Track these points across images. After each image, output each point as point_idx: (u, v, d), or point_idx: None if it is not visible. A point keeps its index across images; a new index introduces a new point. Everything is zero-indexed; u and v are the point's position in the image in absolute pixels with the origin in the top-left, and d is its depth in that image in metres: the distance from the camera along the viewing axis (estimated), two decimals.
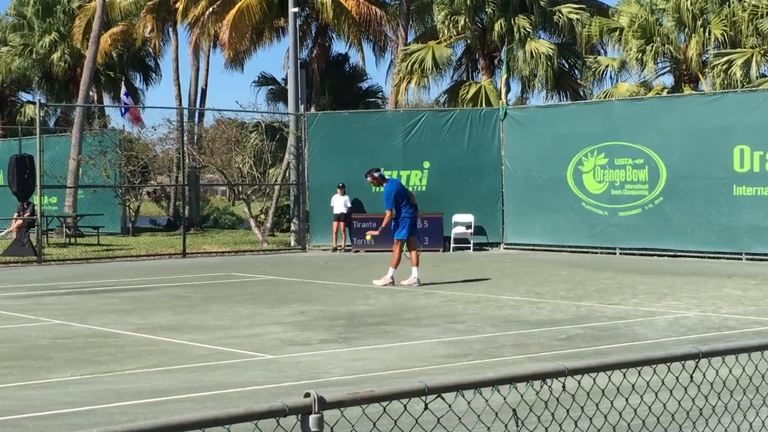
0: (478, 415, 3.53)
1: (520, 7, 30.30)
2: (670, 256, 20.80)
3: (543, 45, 30.16)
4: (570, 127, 22.55)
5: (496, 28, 30.06)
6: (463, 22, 30.25)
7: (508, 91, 24.47)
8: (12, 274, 18.61)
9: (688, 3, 27.78)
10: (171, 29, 39.02)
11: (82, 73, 30.07)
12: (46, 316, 12.31)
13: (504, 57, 25.17)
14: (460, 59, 34.19)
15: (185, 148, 26.06)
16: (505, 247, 23.58)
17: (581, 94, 32.00)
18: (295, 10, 26.17)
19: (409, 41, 34.61)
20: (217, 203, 43.66)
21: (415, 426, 3.32)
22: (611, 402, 4.00)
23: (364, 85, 40.58)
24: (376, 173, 16.21)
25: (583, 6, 30.86)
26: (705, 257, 20.26)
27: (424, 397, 2.91)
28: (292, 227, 25.67)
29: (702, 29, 27.74)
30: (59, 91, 40.68)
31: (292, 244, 25.19)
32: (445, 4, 30.35)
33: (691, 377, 3.80)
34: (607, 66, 30.50)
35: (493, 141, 23.82)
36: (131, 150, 29.39)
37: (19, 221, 22.28)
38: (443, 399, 3.00)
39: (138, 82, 42.81)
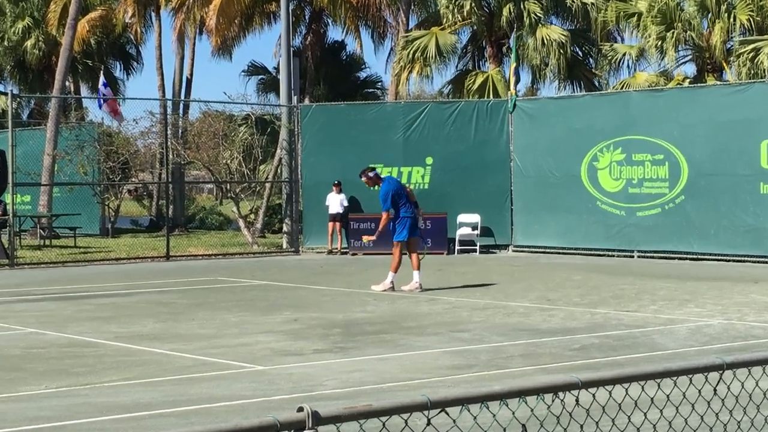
0: (485, 431, 3.53)
1: None
2: (692, 259, 20.81)
3: (555, 31, 30.18)
4: (584, 120, 22.56)
5: (505, 13, 30.08)
6: (468, 7, 30.27)
7: (517, 81, 24.50)
8: None
9: None
10: (154, 14, 39.10)
11: (57, 61, 30.09)
12: (19, 323, 12.32)
13: (513, 44, 25.19)
14: (466, 47, 34.23)
15: (169, 143, 26.08)
16: (514, 250, 23.60)
17: (596, 84, 32.04)
18: None
19: (410, 27, 34.64)
20: (203, 202, 43.69)
21: None
22: (628, 417, 4.00)
23: (362, 74, 40.64)
24: (371, 173, 16.19)
25: None
26: (730, 260, 20.27)
27: (426, 412, 2.91)
28: (285, 228, 25.69)
29: (726, 15, 27.75)
30: (33, 81, 40.68)
31: (284, 246, 25.22)
32: None
33: (715, 390, 3.80)
34: (624, 54, 30.52)
35: (501, 135, 23.84)
36: (111, 145, 29.40)
37: None
38: (447, 414, 3.00)
39: (118, 72, 42.87)
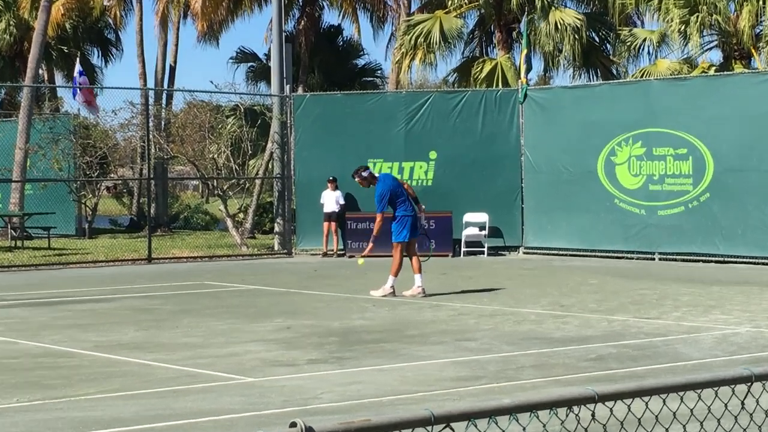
0: None
1: None
2: (717, 261, 20.82)
3: (569, 15, 30.16)
4: (601, 112, 22.57)
5: None
6: None
7: (528, 69, 24.50)
8: None
9: None
10: None
11: (30, 47, 30.08)
12: None
13: (524, 29, 25.19)
14: (473, 31, 34.21)
15: (151, 136, 26.08)
16: (524, 252, 23.61)
17: (614, 72, 32.03)
18: None
19: (412, 10, 34.64)
20: (188, 200, 43.70)
21: None
22: None
23: (360, 61, 40.62)
24: (364, 172, 16.17)
25: None
26: (759, 263, 20.28)
27: (430, 427, 2.92)
28: (276, 228, 25.70)
29: None
30: (3, 69, 40.66)
31: (276, 248, 25.22)
32: None
33: (743, 404, 3.80)
34: (644, 40, 30.50)
35: (510, 127, 23.84)
36: (88, 138, 29.41)
37: None
38: (452, 429, 3.01)
39: (96, 59, 42.83)
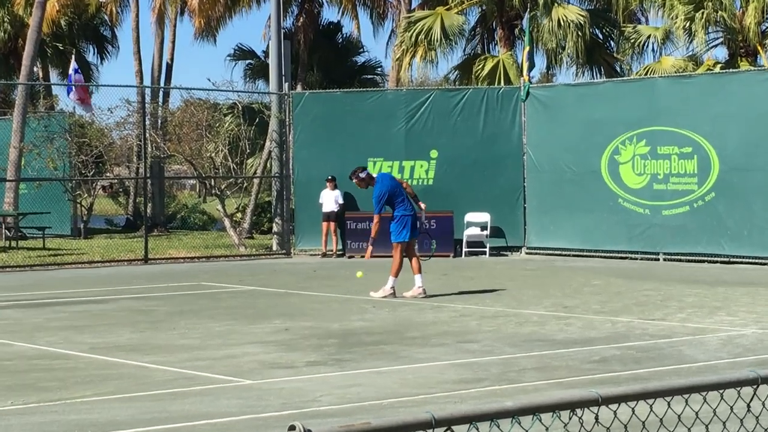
0: None
1: None
2: (723, 262, 20.81)
3: (572, 11, 30.16)
4: (605, 110, 22.56)
5: None
6: None
7: (530, 66, 24.46)
8: None
9: None
10: None
11: (24, 44, 30.07)
12: None
13: (526, 26, 25.17)
14: (474, 28, 34.21)
15: (147, 134, 26.07)
16: (527, 252, 23.60)
17: (618, 70, 32.02)
18: None
19: (413, 7, 34.63)
20: (185, 200, 43.69)
21: None
22: None
23: (360, 59, 40.63)
24: (362, 173, 16.14)
25: None
26: (765, 264, 20.27)
27: (431, 430, 2.91)
28: (275, 228, 25.69)
29: None
30: None
31: (275, 248, 25.22)
32: None
33: (749, 407, 3.80)
34: (648, 36, 30.50)
35: (512, 126, 23.83)
36: (83, 136, 29.38)
37: None
38: None
39: (91, 56, 42.87)
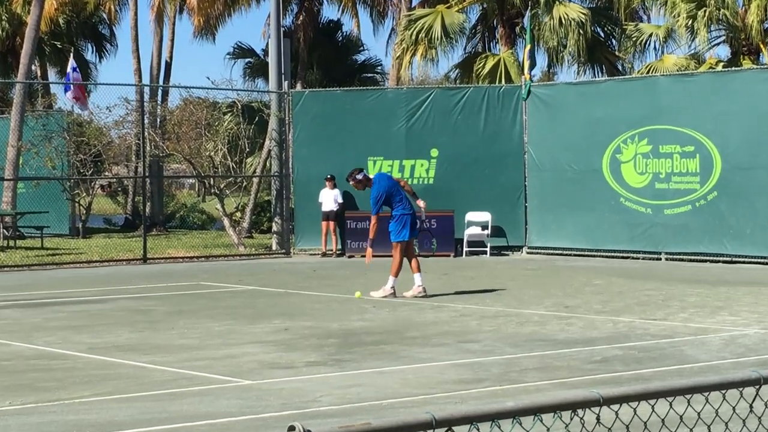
0: None
1: None
2: (725, 261, 20.81)
3: (574, 9, 30.16)
4: (606, 108, 22.55)
5: None
6: None
7: (532, 64, 24.46)
8: None
9: None
10: None
11: (22, 43, 30.06)
12: None
13: (527, 24, 25.16)
14: (475, 26, 34.20)
15: (146, 133, 26.07)
16: (528, 252, 23.60)
17: (620, 68, 32.02)
18: None
19: (413, 5, 34.62)
20: (184, 199, 43.68)
21: None
22: None
23: (360, 57, 40.64)
24: (359, 175, 16.11)
25: None
26: (767, 263, 20.27)
27: (431, 431, 2.91)
28: (274, 228, 25.69)
29: None
30: None
31: (274, 247, 25.21)
32: None
33: (751, 407, 3.80)
34: (650, 35, 30.48)
35: (513, 125, 23.82)
36: (81, 135, 29.38)
37: None
38: None
39: (90, 54, 42.83)
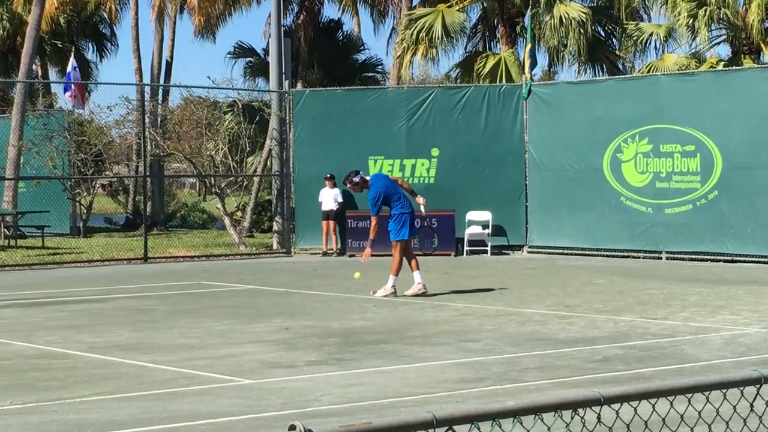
0: None
1: None
2: (726, 261, 20.80)
3: (574, 9, 30.15)
4: (607, 108, 22.55)
5: None
6: None
7: (532, 64, 24.46)
8: None
9: None
10: None
11: (23, 42, 30.06)
12: None
13: (528, 23, 25.15)
14: (476, 26, 34.20)
15: (147, 133, 26.06)
16: (529, 251, 23.60)
17: (620, 67, 32.01)
18: None
19: (414, 4, 34.61)
20: (184, 198, 43.68)
21: None
22: None
23: (361, 56, 40.63)
24: (356, 177, 16.08)
25: None
26: None
27: (432, 430, 2.92)
28: (275, 227, 25.69)
29: None
30: None
31: (275, 247, 25.21)
32: None
33: (752, 406, 3.80)
34: (651, 34, 30.47)
35: (514, 124, 23.82)
36: (82, 135, 29.37)
37: None
38: None
39: (90, 54, 42.84)
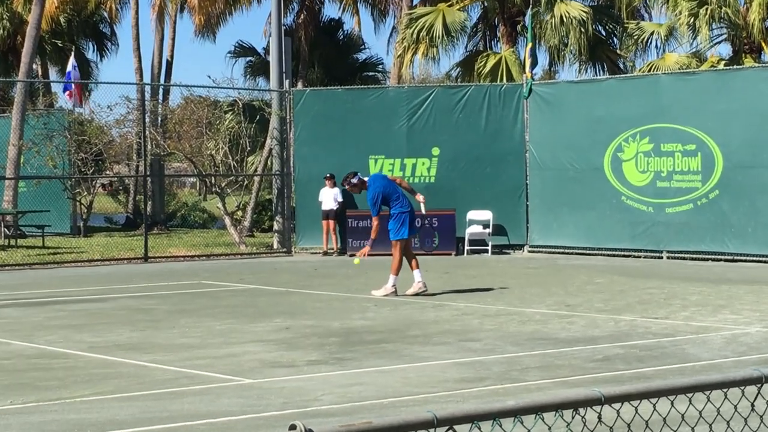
0: None
1: None
2: (727, 260, 20.80)
3: (575, 8, 30.14)
4: (607, 107, 22.55)
5: None
6: None
7: (533, 63, 24.45)
8: None
9: None
10: None
11: (23, 42, 30.06)
12: None
13: (528, 22, 25.15)
14: (476, 25, 34.19)
15: (147, 132, 26.06)
16: (529, 250, 23.59)
17: (621, 66, 32.00)
18: None
19: (414, 3, 34.60)
20: (185, 198, 43.69)
21: None
22: None
23: (361, 56, 40.63)
24: (354, 179, 16.04)
25: None
26: None
27: (432, 430, 2.91)
28: (275, 226, 25.69)
29: None
30: None
31: (275, 246, 25.21)
32: None
33: (752, 406, 3.79)
34: (652, 33, 30.46)
35: (515, 123, 23.82)
36: (83, 134, 29.37)
37: None
38: None
39: (91, 53, 42.85)
